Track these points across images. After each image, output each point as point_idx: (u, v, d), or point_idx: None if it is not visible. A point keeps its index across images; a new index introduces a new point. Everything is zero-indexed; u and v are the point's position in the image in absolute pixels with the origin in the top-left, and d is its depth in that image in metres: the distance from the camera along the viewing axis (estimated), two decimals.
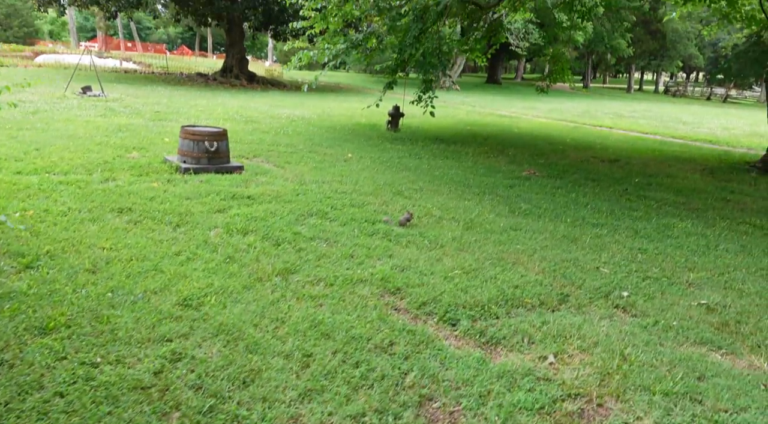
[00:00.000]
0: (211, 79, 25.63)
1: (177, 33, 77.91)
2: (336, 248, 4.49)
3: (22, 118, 10.12)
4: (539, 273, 4.30)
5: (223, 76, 25.94)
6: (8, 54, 35.38)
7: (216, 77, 25.94)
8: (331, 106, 17.44)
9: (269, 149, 8.88)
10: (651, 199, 7.26)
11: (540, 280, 4.14)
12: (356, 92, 27.65)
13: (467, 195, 6.76)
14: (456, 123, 15.34)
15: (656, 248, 5.16)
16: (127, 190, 5.74)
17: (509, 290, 3.88)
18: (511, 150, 10.82)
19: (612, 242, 5.25)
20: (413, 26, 10.69)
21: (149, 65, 33.68)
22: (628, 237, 5.46)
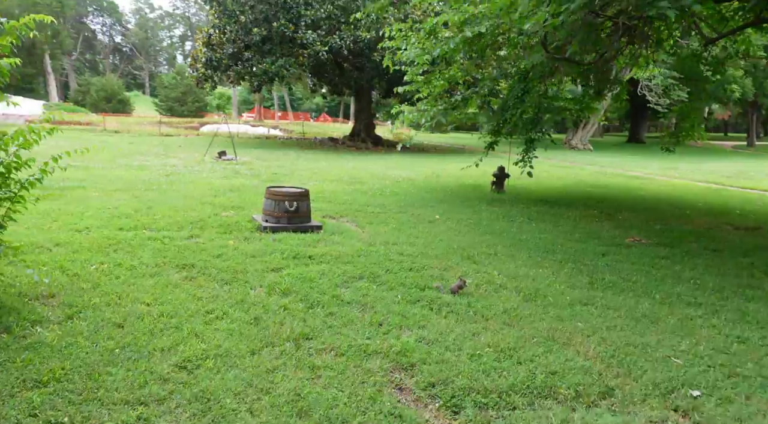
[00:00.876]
0: (340, 143, 27.17)
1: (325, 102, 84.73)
2: (368, 315, 4.26)
3: (155, 179, 11.40)
4: (591, 358, 3.67)
5: (350, 140, 27.36)
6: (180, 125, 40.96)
7: (344, 141, 27.44)
8: (444, 168, 17.42)
9: (359, 209, 8.97)
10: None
11: (588, 366, 3.52)
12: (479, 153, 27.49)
13: (546, 262, 6.16)
14: (573, 184, 14.44)
15: (763, 339, 4.19)
16: (201, 246, 6.06)
17: (542, 376, 3.34)
18: (624, 214, 9.83)
19: (704, 326, 4.38)
20: (516, 87, 10.45)
21: (291, 132, 36.77)
22: (729, 321, 4.52)
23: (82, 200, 8.43)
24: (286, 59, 21.64)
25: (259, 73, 21.74)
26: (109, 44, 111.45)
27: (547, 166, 20.69)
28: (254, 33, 21.12)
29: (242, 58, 22.31)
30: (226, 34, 21.91)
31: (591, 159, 25.55)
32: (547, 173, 17.35)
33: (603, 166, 22.04)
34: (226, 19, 21.21)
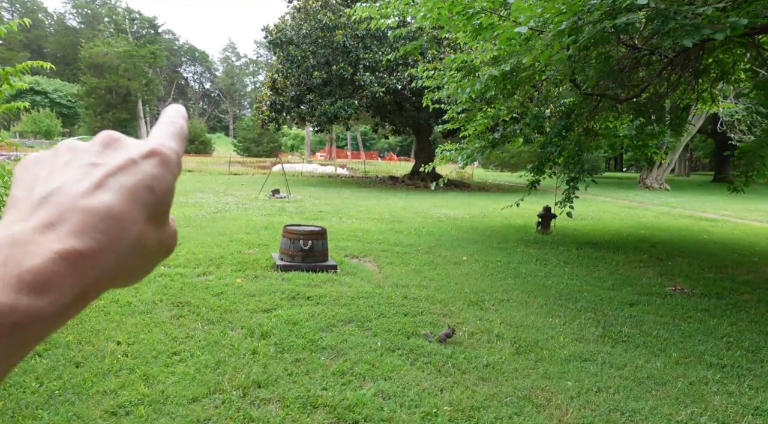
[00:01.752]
0: (399, 182, 27.24)
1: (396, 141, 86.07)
2: (337, 362, 4.03)
3: (201, 216, 11.79)
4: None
5: (410, 179, 27.37)
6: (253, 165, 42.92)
7: (404, 179, 27.49)
8: (496, 207, 16.87)
9: (386, 249, 8.79)
10: None
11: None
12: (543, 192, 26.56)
13: (561, 311, 5.67)
14: (631, 226, 13.53)
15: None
16: (207, 284, 6.09)
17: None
18: (676, 259, 9.01)
19: (718, 393, 3.79)
20: (557, 123, 10.05)
21: (356, 170, 37.43)
22: (752, 389, 3.90)
23: None
24: (344, 101, 22.17)
25: (319, 115, 22.37)
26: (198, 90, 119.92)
27: (611, 206, 19.66)
28: (315, 76, 21.86)
29: (304, 100, 23.09)
30: (289, 79, 22.83)
31: (663, 199, 24.03)
32: (607, 213, 16.44)
33: (674, 206, 20.62)
34: (288, 64, 22.13)
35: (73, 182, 0.32)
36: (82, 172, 0.32)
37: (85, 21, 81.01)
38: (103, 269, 0.30)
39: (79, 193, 0.31)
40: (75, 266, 0.29)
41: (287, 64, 22.14)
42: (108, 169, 0.32)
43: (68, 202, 0.30)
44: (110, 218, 0.30)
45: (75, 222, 0.30)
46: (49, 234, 0.29)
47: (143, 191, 0.32)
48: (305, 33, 21.71)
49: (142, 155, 0.34)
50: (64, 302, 0.28)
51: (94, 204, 0.31)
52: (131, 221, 0.31)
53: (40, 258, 0.28)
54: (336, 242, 9.17)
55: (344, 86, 22.42)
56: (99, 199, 0.31)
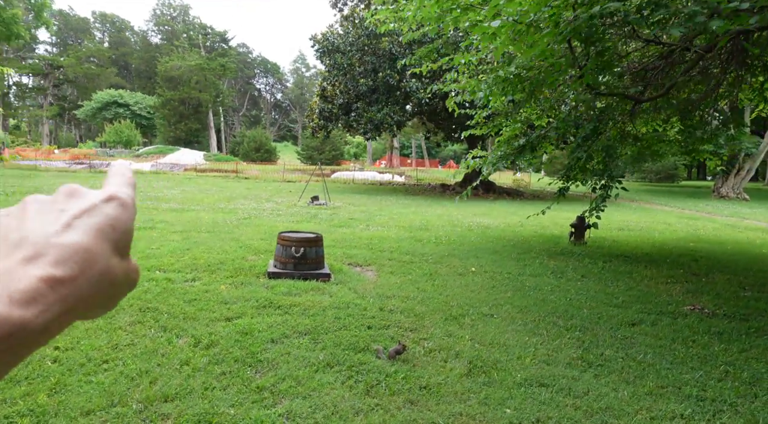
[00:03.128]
0: (450, 190, 26.75)
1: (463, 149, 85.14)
2: (263, 377, 3.82)
3: (228, 222, 11.96)
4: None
5: (461, 186, 26.81)
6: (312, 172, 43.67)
7: (455, 187, 26.98)
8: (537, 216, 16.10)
9: (393, 258, 8.50)
10: None
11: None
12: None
13: (546, 329, 5.18)
14: (679, 238, 12.48)
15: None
16: (186, 290, 6.06)
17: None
18: (714, 276, 8.15)
19: None
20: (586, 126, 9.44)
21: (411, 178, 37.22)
22: None
23: (135, 240, 9.03)
24: (390, 107, 22.06)
25: (365, 122, 22.38)
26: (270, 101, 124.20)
27: (670, 216, 18.35)
28: (361, 83, 21.90)
29: (352, 108, 23.19)
30: (336, 87, 23.01)
31: (736, 210, 22.16)
32: (661, 224, 15.30)
33: (744, 218, 18.93)
34: (335, 72, 22.31)
35: (45, 225, 0.37)
36: (52, 217, 0.38)
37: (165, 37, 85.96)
38: (79, 295, 0.35)
39: (52, 233, 0.36)
40: (55, 288, 0.34)
41: (334, 72, 22.32)
42: (74, 212, 0.38)
43: (44, 241, 0.36)
44: (81, 251, 0.36)
45: (52, 255, 0.35)
46: (30, 265, 0.34)
47: (106, 229, 0.38)
48: (351, 41, 21.81)
49: (103, 200, 0.40)
50: (48, 318, 0.33)
51: (66, 240, 0.36)
52: (98, 253, 0.37)
53: (26, 281, 0.33)
54: (346, 250, 9.00)
55: (391, 93, 22.32)
56: (70, 236, 0.36)
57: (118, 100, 65.71)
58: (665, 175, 49.83)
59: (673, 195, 31.14)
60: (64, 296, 0.34)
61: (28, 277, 0.33)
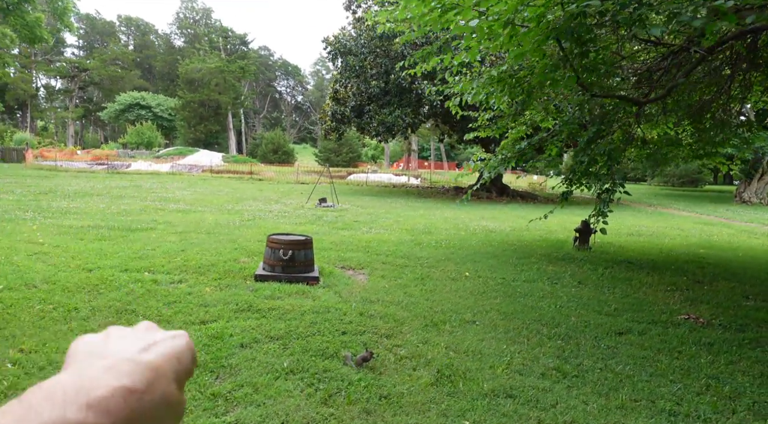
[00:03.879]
0: (462, 193, 26.53)
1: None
2: (222, 384, 3.75)
3: (230, 224, 11.98)
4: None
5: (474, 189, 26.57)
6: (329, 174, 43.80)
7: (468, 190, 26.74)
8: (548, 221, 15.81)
9: (387, 261, 8.40)
10: None
11: None
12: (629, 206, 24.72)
13: (528, 337, 5.03)
14: (689, 244, 12.14)
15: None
16: (170, 292, 6.04)
17: None
18: (718, 284, 7.88)
19: None
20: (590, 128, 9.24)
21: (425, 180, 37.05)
22: None
23: (132, 241, 9.09)
24: (402, 110, 21.96)
25: (377, 124, 22.31)
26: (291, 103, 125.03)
27: (686, 221, 17.90)
28: (373, 85, 21.85)
29: (364, 110, 23.15)
30: (348, 89, 22.99)
31: (756, 215, 21.53)
32: (674, 230, 14.92)
33: (764, 224, 18.38)
34: (347, 74, 22.29)
35: (126, 346, 0.44)
36: (131, 342, 0.45)
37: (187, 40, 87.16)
38: (142, 410, 0.39)
39: (132, 352, 0.43)
40: (126, 399, 0.38)
41: (346, 74, 22.31)
42: (152, 340, 0.45)
43: (123, 357, 0.42)
44: (151, 369, 0.41)
45: (127, 369, 0.40)
46: (109, 374, 0.39)
47: (173, 358, 0.44)
48: (364, 43, 21.77)
49: (174, 336, 0.47)
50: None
51: (142, 358, 0.42)
52: (163, 374, 0.42)
53: (103, 390, 0.38)
54: (342, 253, 8.93)
55: (403, 95, 22.21)
56: (145, 356, 0.43)
57: (141, 102, 66.74)
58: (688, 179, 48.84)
59: (694, 200, 30.45)
60: (131, 406, 0.38)
61: (106, 385, 0.38)
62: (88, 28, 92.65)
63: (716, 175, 59.29)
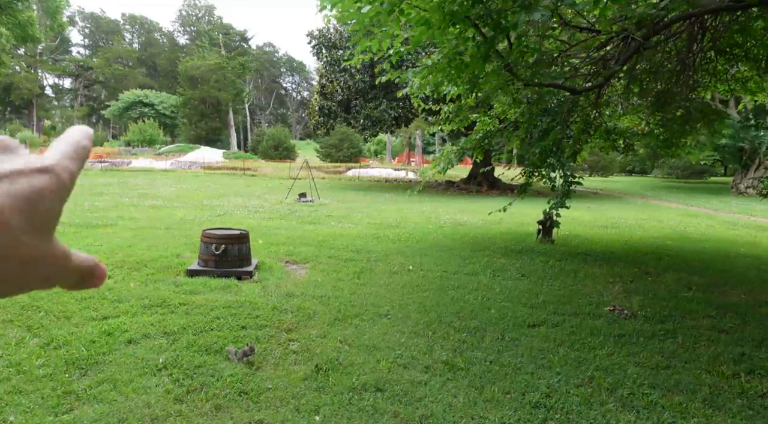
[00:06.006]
0: (454, 187, 26.38)
1: None
2: (78, 382, 3.70)
3: (199, 220, 11.95)
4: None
5: (465, 183, 26.42)
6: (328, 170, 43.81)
7: (459, 184, 26.59)
8: (527, 214, 15.67)
9: (335, 255, 8.33)
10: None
11: None
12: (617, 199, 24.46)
13: (435, 330, 4.94)
14: (659, 236, 11.94)
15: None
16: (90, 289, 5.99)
17: None
18: (666, 275, 7.72)
19: None
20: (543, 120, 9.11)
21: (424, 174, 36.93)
22: None
23: (84, 237, 9.09)
24: (387, 104, 21.83)
25: (363, 119, 22.21)
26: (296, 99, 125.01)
27: (669, 213, 17.66)
28: (358, 79, 21.74)
29: (351, 105, 23.06)
30: (334, 83, 22.91)
31: (747, 207, 21.16)
32: (651, 221, 14.70)
33: (752, 215, 18.07)
34: (331, 68, 22.20)
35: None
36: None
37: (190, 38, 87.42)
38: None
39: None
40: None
41: (330, 69, 22.22)
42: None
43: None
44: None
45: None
46: None
47: (25, 203, 0.33)
48: (348, 36, 21.64)
49: (34, 169, 0.34)
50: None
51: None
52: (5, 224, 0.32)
53: None
54: (294, 247, 8.88)
55: (389, 89, 22.08)
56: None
57: (143, 99, 67.10)
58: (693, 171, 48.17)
59: (691, 192, 30.05)
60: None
61: None
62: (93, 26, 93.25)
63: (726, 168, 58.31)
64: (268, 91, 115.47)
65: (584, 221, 14.32)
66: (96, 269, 0.39)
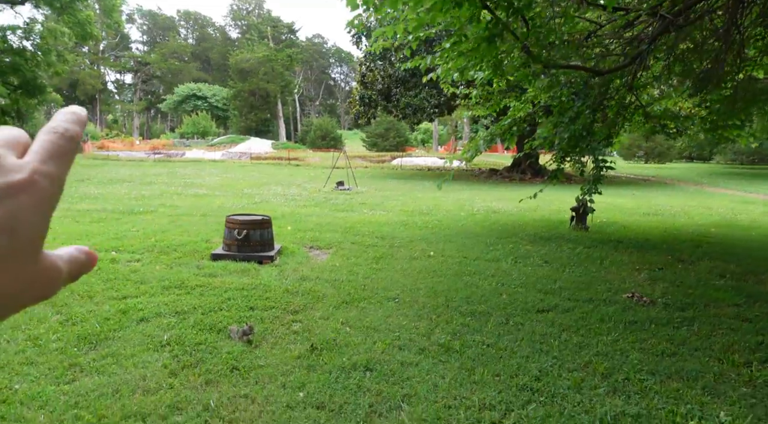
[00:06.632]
0: (497, 175, 25.98)
1: None
2: (85, 355, 3.92)
3: (236, 207, 12.30)
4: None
5: (508, 172, 25.98)
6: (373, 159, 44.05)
7: (502, 172, 26.16)
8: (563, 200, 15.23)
9: (359, 241, 8.41)
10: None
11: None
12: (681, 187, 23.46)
13: (440, 314, 4.93)
14: (703, 224, 11.39)
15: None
16: (117, 270, 6.28)
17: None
18: (700, 263, 7.38)
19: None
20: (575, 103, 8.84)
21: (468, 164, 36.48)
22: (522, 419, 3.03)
23: (124, 222, 9.54)
24: (428, 91, 21.69)
25: (403, 107, 22.16)
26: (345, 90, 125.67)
27: (723, 200, 16.81)
28: (397, 67, 21.67)
29: (391, 93, 23.03)
30: (376, 72, 22.92)
31: None
32: (701, 208, 14.03)
33: None
34: (372, 56, 22.21)
35: None
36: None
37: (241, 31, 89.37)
38: None
39: None
40: None
41: (370, 57, 22.23)
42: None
43: None
44: None
45: None
46: None
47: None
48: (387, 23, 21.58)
49: (14, 184, 0.30)
50: None
51: None
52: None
53: None
54: (320, 233, 9.02)
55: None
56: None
57: (197, 93, 69.18)
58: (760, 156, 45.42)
59: (753, 178, 28.40)
60: None
61: None
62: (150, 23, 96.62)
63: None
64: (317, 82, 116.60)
65: (626, 208, 13.83)
66: (85, 263, 0.36)
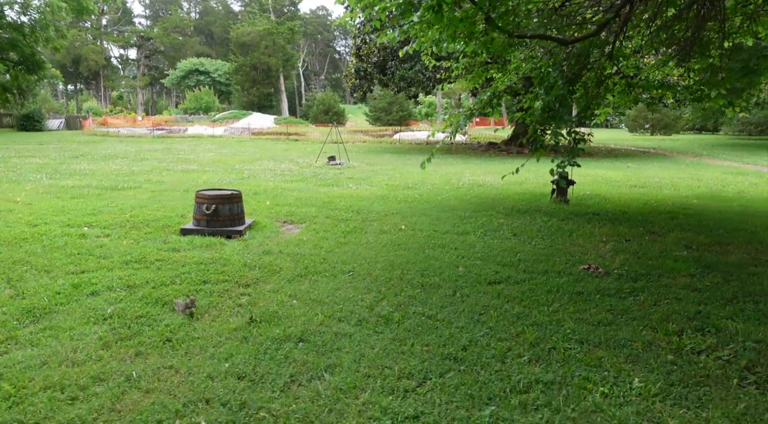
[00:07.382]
0: (495, 148, 25.81)
1: None
2: (24, 328, 4.00)
3: (223, 182, 12.34)
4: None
5: (507, 145, 25.80)
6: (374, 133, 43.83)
7: (500, 146, 25.98)
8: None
9: (332, 215, 8.44)
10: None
11: None
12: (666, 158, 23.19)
13: (391, 286, 4.98)
14: (687, 196, 11.30)
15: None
16: (83, 245, 6.34)
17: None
18: (670, 235, 7.36)
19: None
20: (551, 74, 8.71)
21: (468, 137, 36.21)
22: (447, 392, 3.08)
23: (104, 198, 9.62)
24: (422, 64, 21.43)
25: (398, 79, 21.94)
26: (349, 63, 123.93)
27: (715, 171, 16.64)
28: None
29: (387, 66, 22.78)
30: (369, 44, 22.64)
31: None
32: (692, 180, 13.90)
33: None
34: (365, 28, 21.92)
35: None
36: None
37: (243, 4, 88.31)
38: None
39: None
40: None
41: (362, 29, 21.94)
42: None
43: None
44: None
45: None
46: None
47: None
48: None
49: None
50: None
51: None
52: None
53: None
54: (296, 208, 9.07)
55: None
56: None
57: (199, 67, 68.76)
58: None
59: (757, 149, 28.00)
60: None
61: None
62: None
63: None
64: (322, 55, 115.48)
65: (614, 180, 13.74)
66: None
